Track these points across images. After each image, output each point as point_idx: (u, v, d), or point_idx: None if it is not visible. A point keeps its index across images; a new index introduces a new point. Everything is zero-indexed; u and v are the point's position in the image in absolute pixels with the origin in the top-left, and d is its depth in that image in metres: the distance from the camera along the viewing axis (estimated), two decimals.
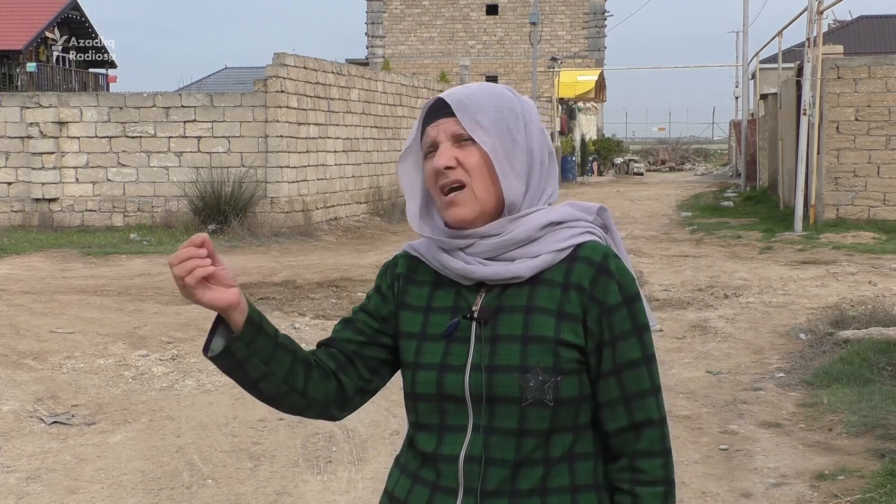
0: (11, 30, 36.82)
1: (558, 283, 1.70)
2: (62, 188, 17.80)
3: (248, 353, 1.66)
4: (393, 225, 19.66)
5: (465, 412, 1.69)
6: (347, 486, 4.92)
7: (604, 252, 1.71)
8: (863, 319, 8.10)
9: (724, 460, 5.26)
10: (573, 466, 1.69)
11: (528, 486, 1.66)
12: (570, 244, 1.71)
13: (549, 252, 1.70)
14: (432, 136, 1.74)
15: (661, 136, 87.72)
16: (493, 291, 1.72)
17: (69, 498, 4.78)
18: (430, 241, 1.79)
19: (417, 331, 1.75)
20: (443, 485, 1.69)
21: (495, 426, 1.66)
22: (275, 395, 1.72)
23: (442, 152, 1.71)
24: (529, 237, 1.71)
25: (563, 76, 40.78)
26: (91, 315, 9.23)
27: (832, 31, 37.25)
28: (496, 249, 1.71)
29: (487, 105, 1.73)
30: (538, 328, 1.67)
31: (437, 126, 1.74)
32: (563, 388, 1.66)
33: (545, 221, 1.72)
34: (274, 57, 17.20)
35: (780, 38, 23.46)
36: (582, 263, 1.70)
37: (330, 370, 1.77)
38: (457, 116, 1.71)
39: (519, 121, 1.75)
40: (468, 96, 1.74)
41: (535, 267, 1.69)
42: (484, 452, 1.66)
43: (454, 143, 1.72)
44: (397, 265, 1.84)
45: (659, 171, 55.57)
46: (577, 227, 1.73)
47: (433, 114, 1.76)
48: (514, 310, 1.69)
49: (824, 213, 17.31)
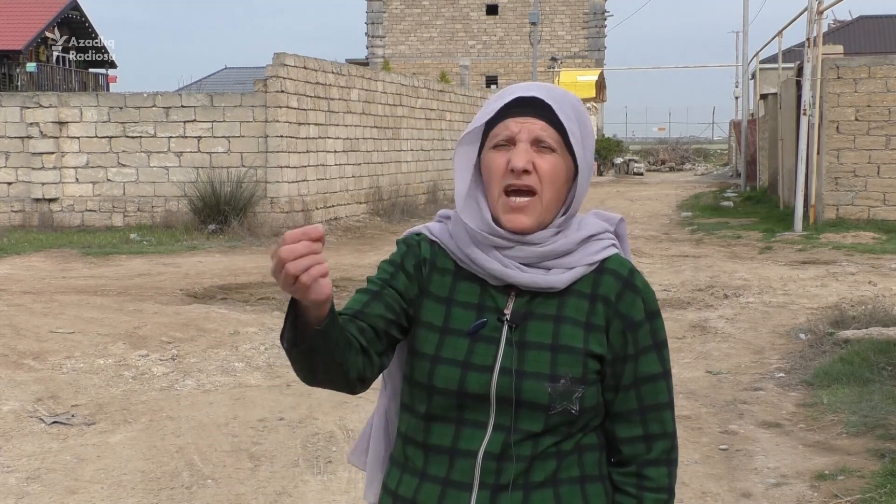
0: (11, 30, 36.82)
1: (586, 294, 1.72)
2: (62, 188, 17.79)
3: (324, 341, 1.55)
4: (393, 225, 19.66)
5: (487, 411, 1.68)
6: (347, 486, 4.92)
7: (629, 267, 1.75)
8: (863, 319, 8.10)
9: (724, 460, 5.26)
10: (581, 457, 1.71)
11: (542, 478, 1.68)
12: (599, 258, 1.74)
13: (583, 265, 1.73)
14: (514, 131, 1.70)
15: (661, 136, 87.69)
16: (522, 296, 1.72)
17: (69, 498, 4.78)
18: (459, 231, 1.75)
19: (439, 323, 1.73)
20: (456, 480, 1.68)
21: (519, 428, 1.67)
22: (324, 377, 1.64)
23: (520, 153, 1.68)
24: (568, 250, 1.72)
25: (563, 76, 40.79)
26: (91, 315, 9.23)
27: (832, 31, 37.25)
28: (537, 258, 1.71)
29: (572, 113, 1.72)
30: (568, 338, 1.69)
31: (521, 122, 1.70)
32: (588, 397, 1.69)
33: (584, 236, 1.74)
34: (274, 57, 17.19)
35: (780, 38, 23.46)
36: (609, 276, 1.73)
37: (360, 346, 1.67)
38: (548, 119, 1.69)
39: (590, 136, 1.77)
40: (563, 100, 1.72)
41: (569, 279, 1.71)
42: (503, 449, 1.67)
43: (534, 146, 1.70)
44: (420, 248, 1.79)
45: (659, 171, 55.55)
46: (605, 241, 1.77)
47: (519, 107, 1.71)
48: (544, 318, 1.70)
49: (824, 213, 17.31)
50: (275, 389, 6.69)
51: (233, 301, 10.17)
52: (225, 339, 8.17)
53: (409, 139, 23.04)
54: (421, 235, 1.82)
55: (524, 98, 1.71)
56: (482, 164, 1.74)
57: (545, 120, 1.70)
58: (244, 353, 7.68)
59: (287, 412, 6.09)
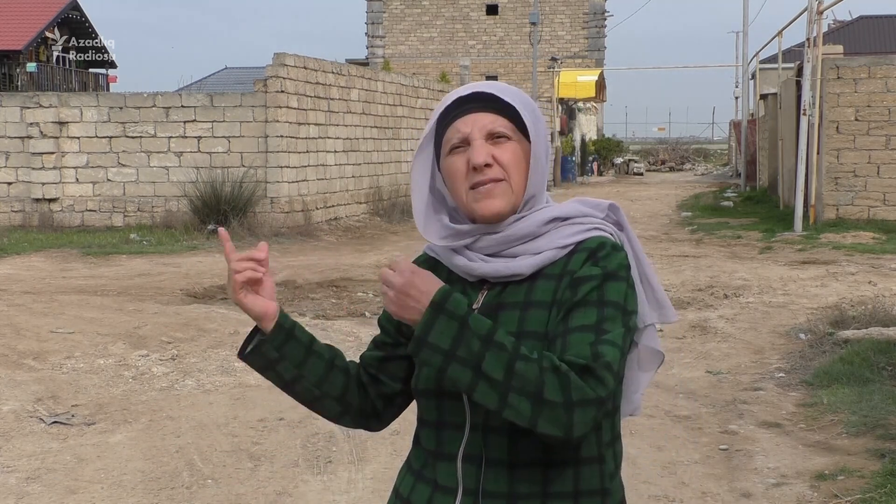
0: (11, 30, 36.82)
1: (555, 275, 1.66)
2: (62, 188, 17.80)
3: (279, 355, 1.76)
4: (393, 225, 19.66)
5: (463, 410, 1.68)
6: (347, 486, 4.91)
7: (601, 241, 1.66)
8: (863, 319, 8.10)
9: (724, 460, 5.26)
10: (577, 471, 1.66)
11: (527, 489, 1.64)
12: (574, 241, 1.67)
13: (552, 249, 1.67)
14: (465, 131, 1.69)
15: (661, 136, 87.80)
16: (494, 289, 1.70)
17: (69, 498, 4.77)
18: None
19: None
20: (442, 483, 1.69)
21: (491, 424, 1.65)
22: (308, 398, 1.83)
23: (477, 149, 1.67)
24: (532, 233, 1.68)
25: (563, 76, 40.78)
26: (91, 315, 9.23)
27: (832, 31, 37.25)
28: (498, 245, 1.69)
29: (518, 100, 1.72)
30: (532, 323, 1.64)
31: (469, 120, 1.69)
32: None
33: (549, 217, 1.69)
34: (274, 57, 17.20)
35: (780, 38, 23.46)
36: (580, 253, 1.66)
37: (363, 384, 1.86)
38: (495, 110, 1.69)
39: (539, 121, 1.75)
40: (503, 89, 1.71)
41: (535, 264, 1.67)
42: (483, 452, 1.66)
43: (489, 139, 1.69)
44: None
45: (659, 171, 55.57)
46: (584, 224, 1.70)
47: (461, 106, 1.71)
48: (513, 306, 1.67)
49: (824, 213, 17.31)
50: (275, 389, 6.63)
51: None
52: (225, 339, 8.17)
53: (409, 139, 23.03)
54: (420, 258, 1.85)
55: (464, 97, 1.71)
56: (443, 173, 1.73)
57: (492, 111, 1.69)
58: None
59: (287, 412, 6.09)
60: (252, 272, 1.72)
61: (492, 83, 1.74)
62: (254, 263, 1.72)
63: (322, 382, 1.80)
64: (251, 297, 1.73)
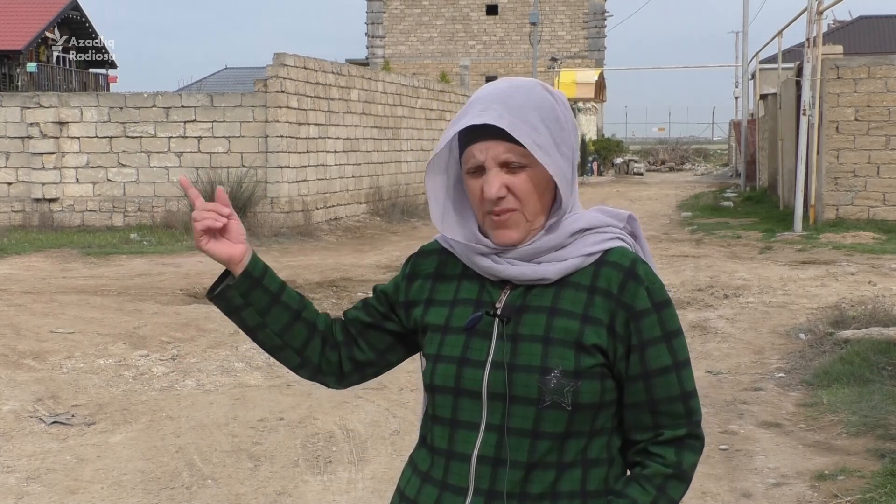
0: (11, 30, 36.83)
1: (585, 286, 1.69)
2: (62, 188, 17.80)
3: (244, 301, 1.81)
4: (393, 225, 19.66)
5: (480, 409, 1.67)
6: (347, 486, 4.92)
7: (632, 258, 1.70)
8: (863, 319, 8.10)
9: (724, 460, 5.26)
10: (586, 472, 1.67)
11: (539, 489, 1.65)
12: (599, 249, 1.70)
13: (578, 256, 1.69)
14: (479, 159, 1.67)
15: (660, 137, 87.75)
16: (517, 289, 1.71)
17: (69, 498, 4.78)
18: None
19: (442, 323, 1.75)
20: (452, 483, 1.68)
21: (510, 426, 1.65)
22: (270, 346, 1.86)
23: (492, 181, 1.65)
24: (560, 244, 1.70)
25: (562, 76, 40.80)
26: (91, 315, 9.23)
27: (832, 31, 37.26)
28: (527, 256, 1.71)
29: (536, 119, 1.66)
30: (561, 330, 1.66)
31: (483, 148, 1.66)
32: (583, 392, 1.64)
33: (574, 229, 1.70)
34: (274, 57, 17.20)
35: (779, 39, 23.47)
36: (610, 268, 1.69)
37: (336, 342, 1.88)
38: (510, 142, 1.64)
39: (563, 130, 1.71)
40: (516, 112, 1.65)
41: (562, 270, 1.69)
42: (496, 453, 1.65)
43: (503, 168, 1.66)
44: (422, 262, 1.84)
45: (659, 172, 55.56)
46: (607, 233, 1.72)
47: (476, 131, 1.67)
48: (538, 310, 1.68)
49: (824, 213, 17.31)
50: (275, 389, 6.70)
51: None
52: (225, 339, 8.17)
53: (409, 139, 23.04)
54: (433, 247, 1.85)
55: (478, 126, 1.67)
56: (464, 183, 1.74)
57: (507, 139, 1.65)
58: (244, 353, 7.68)
59: (287, 412, 6.09)
60: (212, 221, 1.77)
61: (509, 98, 1.67)
62: (214, 214, 1.77)
63: (284, 332, 1.83)
64: (213, 243, 1.79)
